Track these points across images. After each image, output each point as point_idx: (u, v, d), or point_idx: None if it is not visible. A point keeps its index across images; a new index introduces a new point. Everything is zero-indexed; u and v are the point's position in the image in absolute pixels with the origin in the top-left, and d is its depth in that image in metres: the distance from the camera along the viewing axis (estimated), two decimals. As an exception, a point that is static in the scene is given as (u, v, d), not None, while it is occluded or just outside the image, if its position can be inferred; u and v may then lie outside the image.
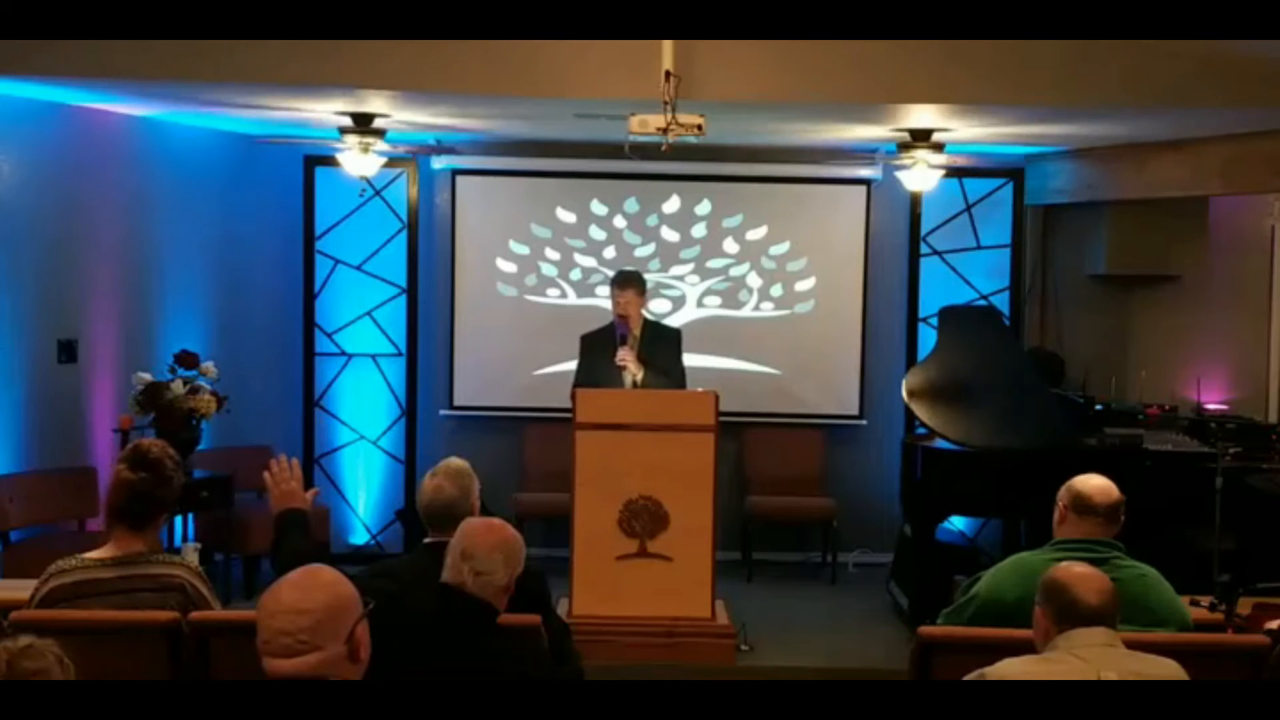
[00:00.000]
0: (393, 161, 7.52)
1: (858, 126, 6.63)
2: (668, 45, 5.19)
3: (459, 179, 8.09)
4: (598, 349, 6.32)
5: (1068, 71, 5.46)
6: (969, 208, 8.20)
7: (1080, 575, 2.98)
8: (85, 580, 3.35)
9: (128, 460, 3.40)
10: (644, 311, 6.38)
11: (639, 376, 6.19)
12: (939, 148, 6.61)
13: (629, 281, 6.32)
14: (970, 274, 8.23)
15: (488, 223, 8.10)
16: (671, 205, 8.09)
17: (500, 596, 3.07)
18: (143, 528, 3.39)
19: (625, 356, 6.17)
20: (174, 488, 3.42)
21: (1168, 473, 6.55)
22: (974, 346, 7.08)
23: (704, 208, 8.09)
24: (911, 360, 7.99)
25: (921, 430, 7.15)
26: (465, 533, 3.10)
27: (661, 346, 6.34)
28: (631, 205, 8.09)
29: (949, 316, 7.35)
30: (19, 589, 3.77)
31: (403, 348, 8.11)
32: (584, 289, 8.09)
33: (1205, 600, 3.94)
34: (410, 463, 8.01)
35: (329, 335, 8.09)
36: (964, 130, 6.58)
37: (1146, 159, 7.01)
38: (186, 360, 6.78)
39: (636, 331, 6.28)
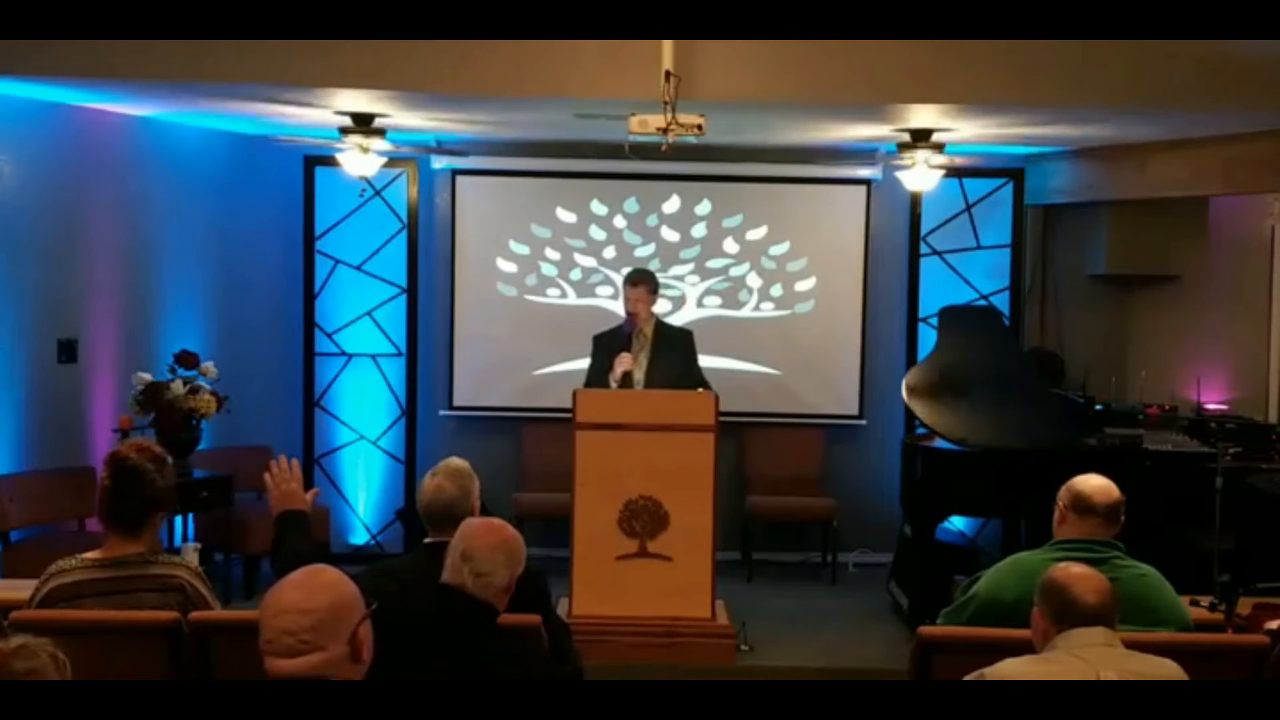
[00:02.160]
0: (393, 161, 7.52)
1: (858, 126, 6.63)
2: (668, 45, 5.19)
3: (459, 179, 8.10)
4: (608, 349, 6.38)
5: (1068, 71, 5.46)
6: (969, 208, 8.20)
7: (1078, 575, 2.98)
8: (85, 580, 3.35)
9: (107, 469, 3.39)
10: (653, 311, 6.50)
11: (640, 380, 6.24)
12: (939, 148, 6.61)
13: (640, 279, 6.44)
14: (970, 274, 8.23)
15: (488, 223, 8.10)
16: (671, 205, 8.09)
17: (501, 597, 3.07)
18: (137, 530, 3.37)
19: (625, 361, 6.21)
20: (159, 488, 3.37)
21: (1168, 473, 6.55)
22: (974, 346, 7.08)
23: (704, 208, 8.09)
24: (911, 360, 7.99)
25: (921, 430, 7.15)
26: (465, 534, 3.10)
27: (675, 349, 6.42)
28: (631, 205, 8.09)
29: (949, 316, 7.35)
30: (19, 589, 3.77)
31: (403, 348, 8.11)
32: (584, 289, 8.09)
33: (1205, 600, 3.94)
34: (410, 463, 8.01)
35: (329, 335, 8.09)
36: (964, 130, 6.58)
37: (1146, 159, 7.01)
38: (186, 360, 6.78)
39: (646, 330, 6.37)
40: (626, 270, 6.71)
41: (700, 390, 6.23)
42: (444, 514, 3.55)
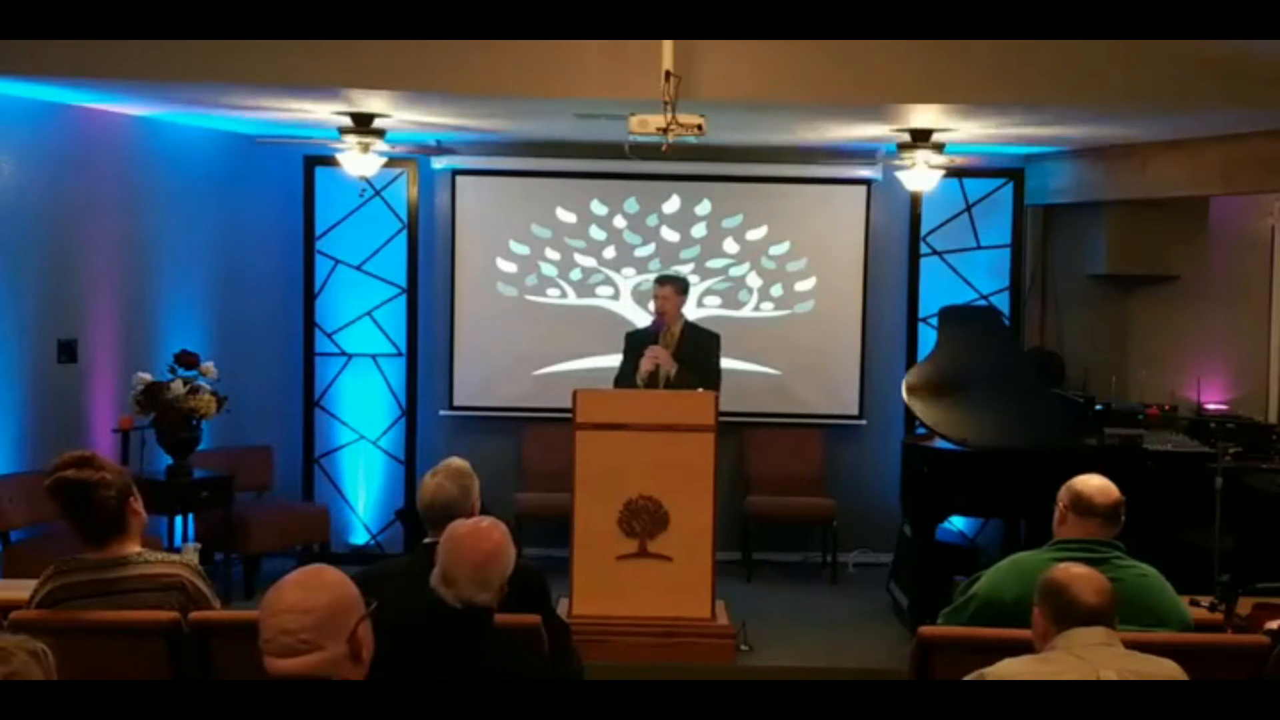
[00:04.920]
0: (393, 161, 7.52)
1: (858, 126, 6.63)
2: (668, 45, 5.19)
3: (459, 179, 8.09)
4: (638, 346, 6.48)
5: (1068, 71, 5.46)
6: (969, 208, 8.20)
7: (1078, 575, 2.98)
8: (85, 580, 3.34)
9: (53, 499, 3.32)
10: (684, 313, 6.65)
11: (671, 372, 6.31)
12: (939, 148, 6.61)
13: (667, 279, 6.63)
14: (970, 274, 8.23)
15: (488, 223, 8.10)
16: (671, 205, 8.09)
17: (493, 602, 3.04)
18: (121, 529, 3.34)
19: (656, 353, 6.31)
20: (110, 481, 3.30)
21: (1168, 473, 6.55)
22: (974, 346, 7.08)
23: (704, 208, 8.09)
24: (911, 360, 7.99)
25: (921, 430, 7.15)
26: (447, 549, 3.02)
27: (699, 351, 6.49)
28: (631, 205, 8.09)
29: (949, 316, 7.35)
30: (19, 589, 3.76)
31: (403, 348, 8.11)
32: (584, 289, 8.09)
33: (1205, 600, 3.94)
34: (410, 463, 8.01)
35: (329, 335, 8.09)
36: (964, 130, 6.58)
37: (1146, 159, 7.01)
38: (186, 360, 6.78)
39: (675, 330, 6.47)
40: (627, 270, 6.77)
41: (700, 390, 6.23)
42: (444, 514, 3.54)
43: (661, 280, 6.63)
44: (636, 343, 6.57)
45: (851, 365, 8.16)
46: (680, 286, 6.62)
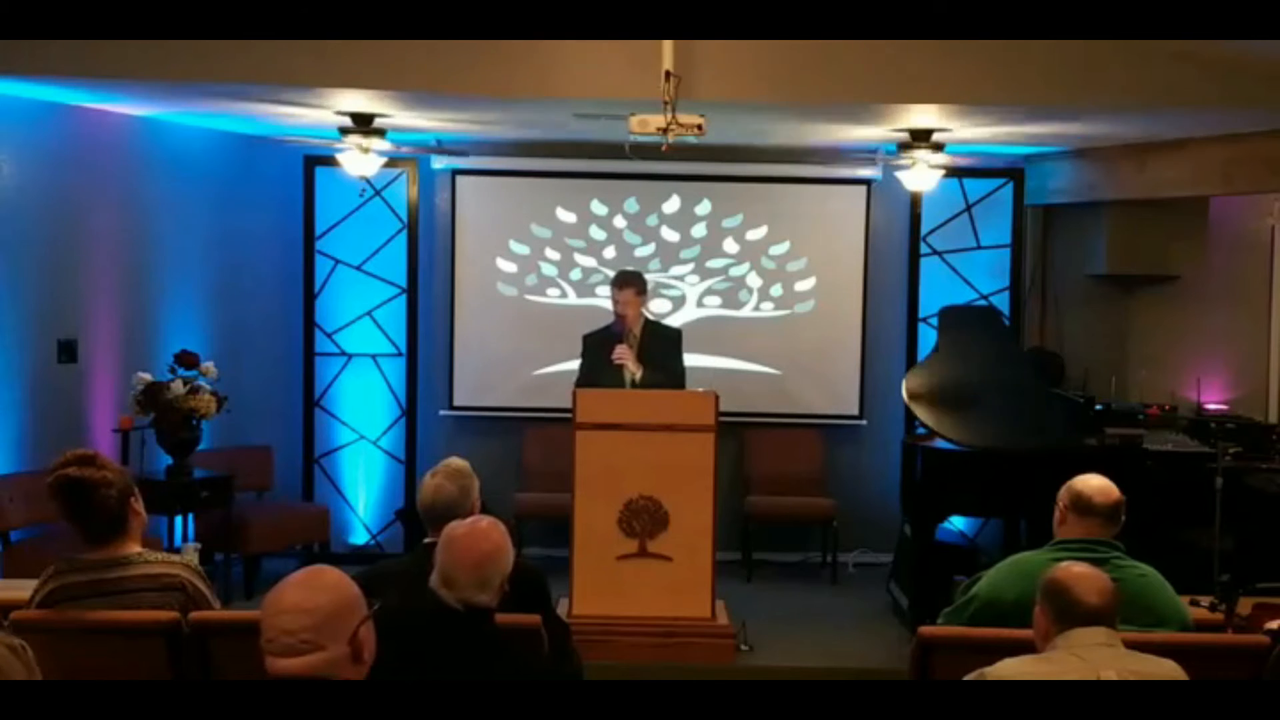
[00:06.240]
0: (393, 161, 7.52)
1: (858, 126, 6.63)
2: (668, 45, 5.19)
3: (459, 179, 8.10)
4: (599, 349, 6.36)
5: (1068, 71, 5.46)
6: (969, 208, 8.20)
7: (1080, 575, 2.98)
8: (85, 580, 3.34)
9: (54, 498, 3.31)
10: (644, 311, 6.45)
11: (637, 375, 6.22)
12: (939, 148, 6.60)
13: (628, 281, 6.38)
14: (970, 274, 8.23)
15: (488, 223, 8.10)
16: (671, 205, 8.09)
17: (493, 601, 3.04)
18: (122, 528, 3.34)
19: (623, 353, 6.21)
20: (111, 480, 3.30)
21: (1168, 473, 6.55)
22: (974, 346, 7.08)
23: (704, 208, 8.09)
24: (911, 360, 7.99)
25: (921, 430, 7.15)
26: (445, 550, 3.02)
27: (661, 345, 6.37)
28: (631, 205, 8.09)
29: (949, 316, 7.35)
30: (19, 589, 3.76)
31: (403, 348, 8.11)
32: (584, 289, 8.09)
33: (1205, 600, 3.94)
34: (410, 463, 8.01)
35: (329, 335, 8.09)
36: (964, 130, 6.58)
37: (1146, 159, 7.00)
38: (186, 360, 6.78)
39: (636, 330, 6.34)
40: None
41: (700, 390, 6.23)
42: (444, 514, 3.54)
43: (621, 283, 6.34)
44: (596, 344, 6.40)
45: (851, 365, 8.16)
46: (641, 287, 6.37)
